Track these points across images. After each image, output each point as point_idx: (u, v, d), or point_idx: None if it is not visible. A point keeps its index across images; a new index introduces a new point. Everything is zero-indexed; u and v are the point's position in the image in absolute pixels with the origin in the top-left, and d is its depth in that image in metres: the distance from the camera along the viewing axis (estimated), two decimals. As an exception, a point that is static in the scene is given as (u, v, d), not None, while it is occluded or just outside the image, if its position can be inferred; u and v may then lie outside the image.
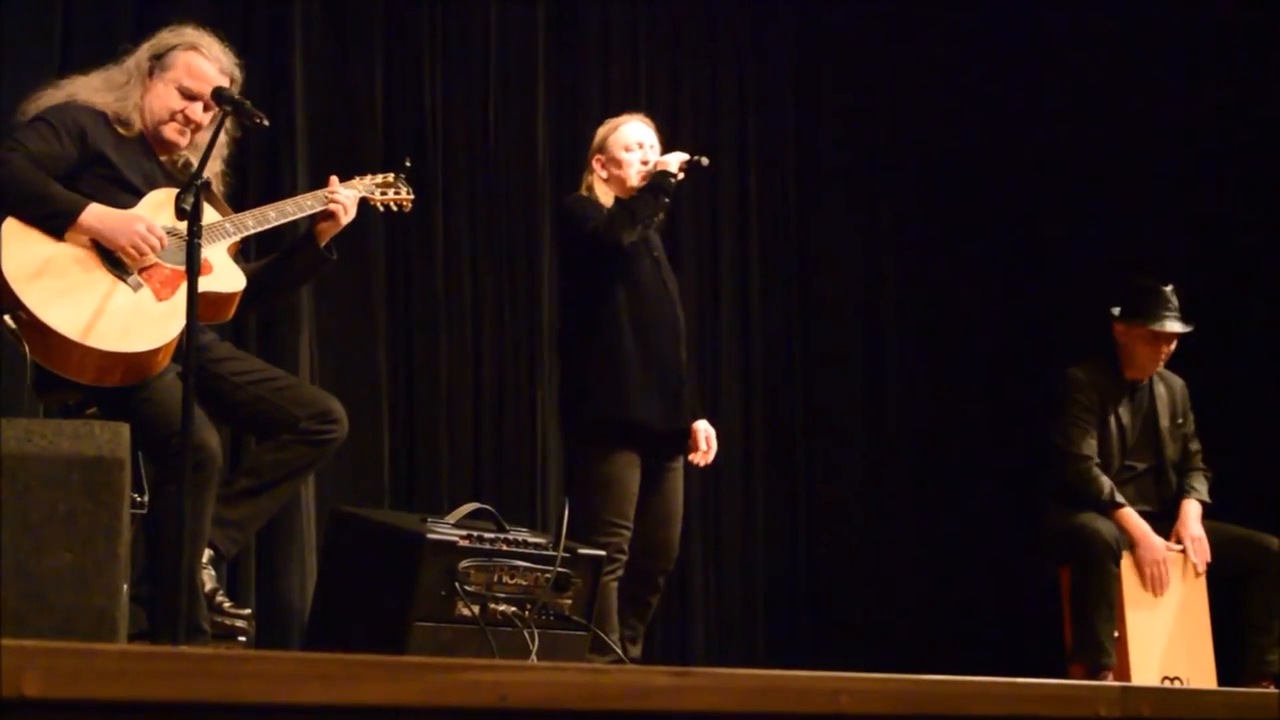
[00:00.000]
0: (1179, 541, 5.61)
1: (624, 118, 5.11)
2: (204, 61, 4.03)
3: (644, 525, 4.86)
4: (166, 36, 4.06)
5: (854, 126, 7.51)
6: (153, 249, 3.78)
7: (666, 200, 4.91)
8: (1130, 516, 5.54)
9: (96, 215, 3.76)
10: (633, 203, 4.87)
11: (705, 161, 4.96)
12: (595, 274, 4.87)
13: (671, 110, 6.93)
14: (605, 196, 4.97)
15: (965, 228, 7.52)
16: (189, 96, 4.00)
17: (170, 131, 4.00)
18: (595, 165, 5.03)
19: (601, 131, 5.08)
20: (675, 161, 4.92)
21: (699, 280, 6.98)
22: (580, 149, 6.67)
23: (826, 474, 7.29)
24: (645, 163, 4.98)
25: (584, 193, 5.02)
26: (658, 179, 4.89)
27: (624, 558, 4.77)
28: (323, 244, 4.17)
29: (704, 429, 5.05)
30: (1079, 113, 7.37)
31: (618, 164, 4.99)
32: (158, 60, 4.01)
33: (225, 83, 4.02)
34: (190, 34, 4.07)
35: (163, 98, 3.99)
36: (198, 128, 4.02)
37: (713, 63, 7.20)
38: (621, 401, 4.80)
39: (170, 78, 3.99)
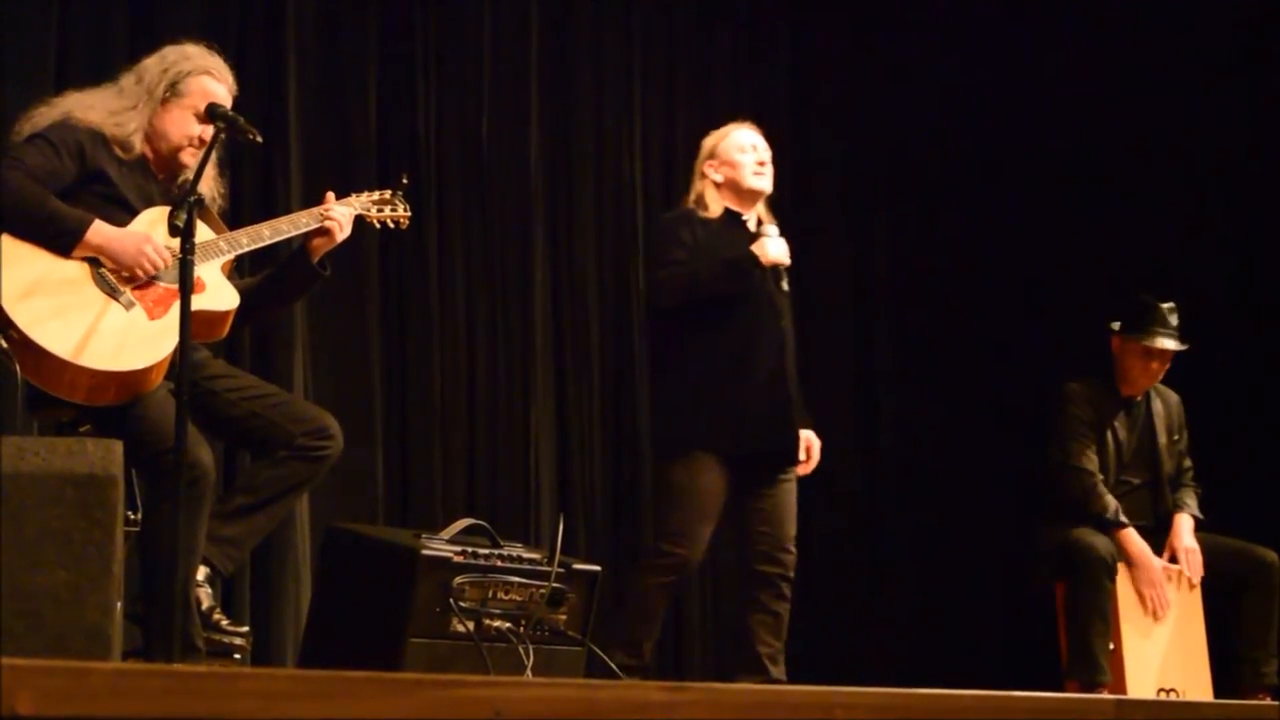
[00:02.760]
0: (1172, 554, 5.61)
1: (731, 126, 5.11)
2: (217, 85, 4.04)
3: (751, 529, 4.86)
4: (177, 60, 4.04)
5: (850, 135, 7.51)
6: (157, 265, 3.79)
7: (737, 286, 4.84)
8: (1131, 538, 5.54)
9: (103, 234, 3.76)
10: (706, 275, 4.80)
11: (786, 287, 4.95)
12: None
13: (667, 124, 6.93)
14: (715, 203, 4.98)
15: (962, 242, 7.52)
16: (203, 120, 4.00)
17: (188, 156, 4.00)
18: (707, 170, 5.03)
19: (709, 140, 5.09)
20: (773, 252, 4.87)
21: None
22: (573, 167, 6.73)
23: (821, 489, 7.26)
24: (762, 164, 5.00)
25: (690, 203, 5.03)
26: (745, 263, 4.84)
27: (686, 572, 4.85)
28: (316, 260, 4.18)
29: (806, 437, 5.02)
30: (1083, 124, 7.36)
31: (732, 166, 5.00)
32: (172, 86, 4.00)
33: (229, 103, 4.03)
34: (199, 57, 4.06)
35: (180, 123, 3.98)
36: (202, 145, 4.03)
37: (707, 72, 7.20)
38: (705, 420, 4.78)
39: (187, 104, 3.98)
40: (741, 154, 5.01)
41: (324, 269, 4.20)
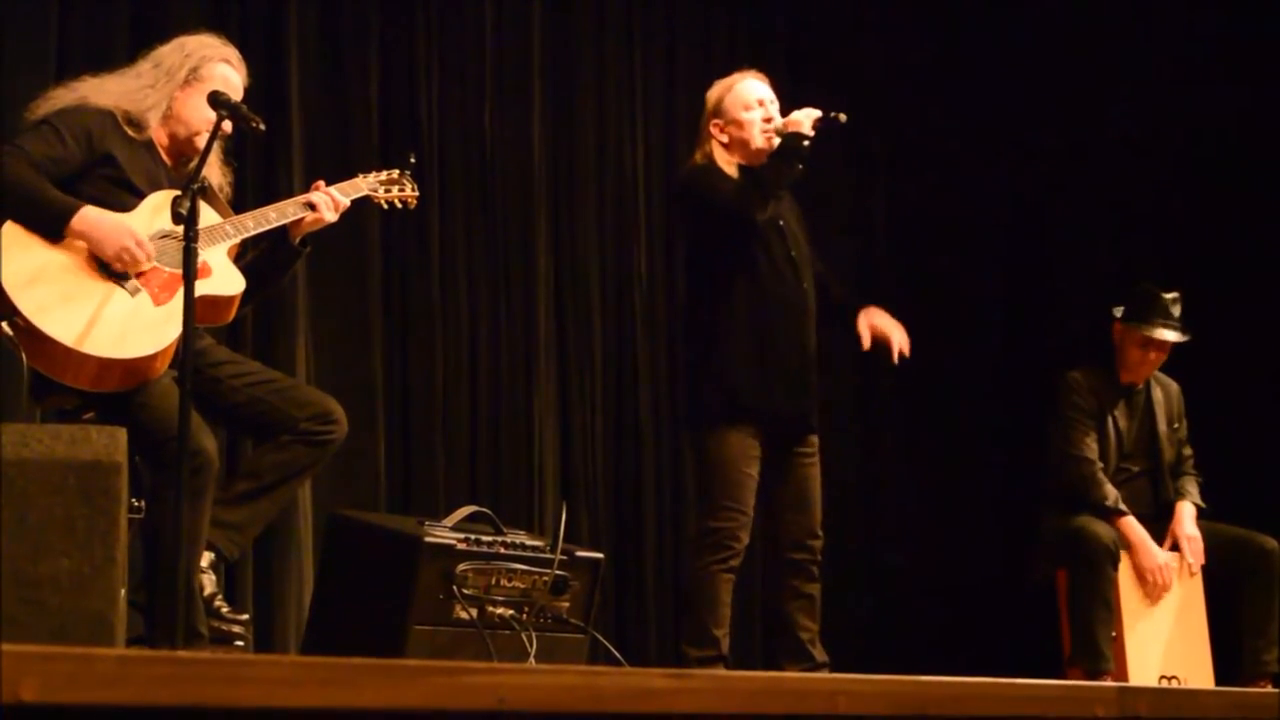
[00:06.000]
0: (1174, 542, 5.62)
1: (736, 76, 4.78)
2: (234, 73, 4.09)
3: (778, 514, 4.73)
4: (198, 47, 4.08)
5: (850, 125, 7.47)
6: (139, 261, 3.78)
7: (800, 166, 4.58)
8: (1131, 525, 5.54)
9: (88, 221, 3.75)
10: (763, 172, 4.55)
11: (843, 118, 4.61)
12: (715, 249, 4.63)
13: (667, 110, 6.92)
14: (727, 164, 4.67)
15: (962, 230, 7.51)
16: None
17: (201, 141, 4.01)
18: (713, 130, 4.70)
19: (714, 94, 4.75)
20: (807, 120, 4.57)
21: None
22: (576, 156, 6.72)
23: (823, 476, 7.26)
24: (768, 120, 4.69)
25: (699, 161, 4.71)
26: (789, 142, 4.57)
27: (738, 545, 4.63)
28: (298, 238, 4.15)
29: (869, 319, 4.82)
30: (1081, 114, 7.35)
31: (739, 125, 4.69)
32: (194, 71, 4.03)
33: (242, 94, 4.05)
34: (218, 45, 4.11)
35: (199, 108, 3.99)
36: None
37: (708, 62, 7.18)
38: (731, 386, 4.63)
39: (207, 89, 3.98)
40: (747, 111, 4.69)
41: (305, 246, 4.19)
